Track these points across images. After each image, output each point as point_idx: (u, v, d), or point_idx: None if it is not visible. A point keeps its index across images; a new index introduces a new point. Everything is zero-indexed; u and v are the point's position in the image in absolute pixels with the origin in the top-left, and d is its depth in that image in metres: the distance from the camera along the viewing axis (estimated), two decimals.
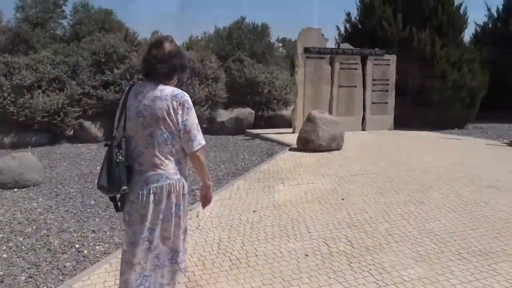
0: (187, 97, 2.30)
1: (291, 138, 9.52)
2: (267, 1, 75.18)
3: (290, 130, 10.95)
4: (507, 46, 14.50)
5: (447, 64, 12.30)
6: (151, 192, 2.20)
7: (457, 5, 13.47)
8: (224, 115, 11.36)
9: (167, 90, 2.26)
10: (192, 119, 2.27)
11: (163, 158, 2.23)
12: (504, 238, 3.88)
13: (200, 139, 2.28)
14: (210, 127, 11.29)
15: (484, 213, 4.60)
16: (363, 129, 11.66)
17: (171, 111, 2.21)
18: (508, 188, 5.57)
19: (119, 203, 2.27)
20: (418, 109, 12.84)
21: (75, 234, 4.04)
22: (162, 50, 2.27)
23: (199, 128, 2.31)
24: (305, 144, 8.24)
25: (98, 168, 5.92)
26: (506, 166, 7.01)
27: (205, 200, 2.51)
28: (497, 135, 11.30)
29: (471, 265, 3.33)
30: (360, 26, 13.88)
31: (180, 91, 2.29)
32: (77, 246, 3.77)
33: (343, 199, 5.12)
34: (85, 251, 3.66)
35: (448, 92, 12.23)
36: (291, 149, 8.49)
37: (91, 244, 3.82)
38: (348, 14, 14.33)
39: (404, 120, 12.65)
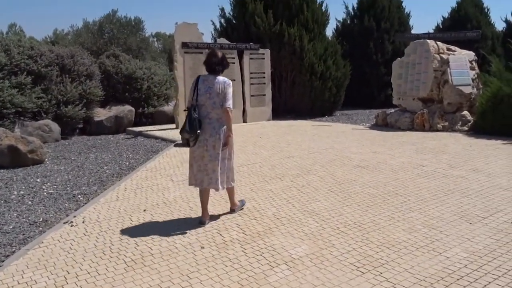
0: (229, 82, 4.09)
1: (175, 133, 9.46)
2: None
3: (173, 126, 10.88)
4: (363, 40, 16.25)
5: (314, 57, 13.34)
6: (218, 133, 4.00)
7: (319, 2, 14.64)
8: (102, 114, 10.80)
9: (220, 78, 4.06)
10: (228, 91, 4.02)
11: (220, 116, 4.02)
12: (372, 211, 4.43)
13: (229, 103, 4.02)
14: (87, 127, 10.64)
15: (355, 190, 5.18)
16: (244, 121, 12.09)
17: (222, 90, 3.99)
18: (372, 167, 6.33)
19: (192, 142, 3.99)
20: (292, 99, 13.76)
21: None
22: (217, 58, 4.07)
23: (231, 97, 4.06)
24: None
25: None
26: (370, 147, 7.94)
27: (226, 142, 4.08)
28: (361, 120, 12.66)
29: (348, 237, 3.75)
30: (234, 21, 14.27)
31: (227, 79, 4.09)
32: None
33: None
34: None
35: (316, 82, 13.29)
36: (177, 145, 8.46)
37: None
38: (222, 9, 14.63)
39: (281, 111, 13.46)
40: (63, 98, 9.96)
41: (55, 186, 5.72)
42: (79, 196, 5.27)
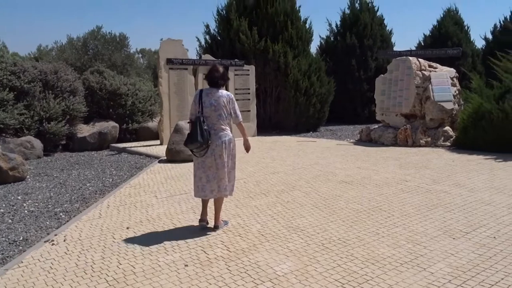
0: (232, 95, 4.40)
1: (160, 150, 9.42)
2: (122, 11, 72.61)
3: (158, 142, 10.82)
4: (346, 57, 16.50)
5: (299, 73, 13.48)
6: (224, 142, 4.30)
7: (303, 20, 14.87)
8: (85, 130, 10.69)
9: (223, 92, 4.36)
10: (236, 106, 4.41)
11: (225, 126, 4.34)
12: (357, 227, 4.44)
13: (240, 116, 4.47)
14: (69, 143, 10.51)
15: (340, 205, 5.19)
16: None
17: (226, 103, 4.30)
18: (357, 182, 6.37)
19: (202, 153, 4.24)
20: (277, 115, 13.83)
21: None
22: (219, 73, 4.34)
23: (239, 110, 4.47)
24: (175, 155, 8.24)
25: None
26: (354, 163, 7.99)
27: (247, 148, 4.63)
28: (345, 136, 12.76)
29: (333, 253, 3.75)
30: (219, 38, 14.37)
31: (229, 92, 4.45)
32: None
33: None
34: None
35: (301, 98, 13.40)
36: (161, 161, 8.39)
37: None
38: (207, 26, 14.74)
39: (266, 126, 13.51)
40: (46, 114, 9.84)
41: (37, 204, 5.61)
42: (61, 213, 5.17)
